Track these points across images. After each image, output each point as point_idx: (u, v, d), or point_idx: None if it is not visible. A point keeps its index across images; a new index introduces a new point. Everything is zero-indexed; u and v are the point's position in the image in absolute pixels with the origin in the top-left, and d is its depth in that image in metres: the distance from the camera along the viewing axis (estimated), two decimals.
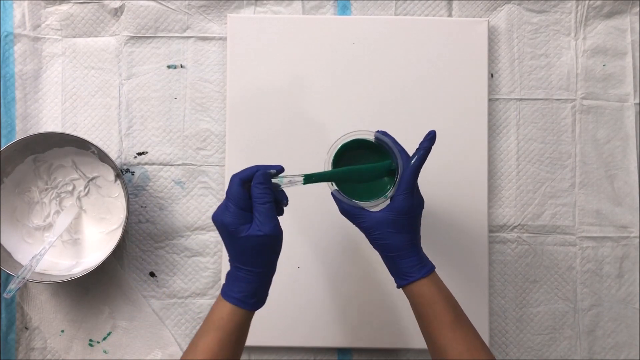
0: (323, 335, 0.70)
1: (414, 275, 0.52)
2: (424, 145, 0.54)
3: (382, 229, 0.53)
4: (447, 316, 0.51)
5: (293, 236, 0.70)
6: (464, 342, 0.50)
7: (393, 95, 0.71)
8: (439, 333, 0.51)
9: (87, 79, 0.73)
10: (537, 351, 0.71)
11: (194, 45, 0.73)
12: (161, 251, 0.72)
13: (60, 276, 0.67)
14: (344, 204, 0.54)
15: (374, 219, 0.53)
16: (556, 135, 0.73)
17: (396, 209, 0.52)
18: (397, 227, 0.52)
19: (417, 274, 0.52)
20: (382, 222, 0.53)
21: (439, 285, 0.53)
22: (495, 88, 0.73)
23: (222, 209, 0.51)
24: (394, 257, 0.53)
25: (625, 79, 0.74)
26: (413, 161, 0.53)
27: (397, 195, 0.53)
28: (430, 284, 0.52)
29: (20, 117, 0.73)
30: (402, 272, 0.53)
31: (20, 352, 0.71)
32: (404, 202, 0.52)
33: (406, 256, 0.53)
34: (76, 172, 0.71)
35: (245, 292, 0.51)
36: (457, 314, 0.52)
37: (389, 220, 0.52)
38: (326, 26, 0.72)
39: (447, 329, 0.51)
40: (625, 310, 0.72)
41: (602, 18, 0.74)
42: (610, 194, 0.73)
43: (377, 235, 0.53)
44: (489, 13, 0.74)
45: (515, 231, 0.72)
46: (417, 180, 0.54)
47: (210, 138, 0.73)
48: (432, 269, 0.53)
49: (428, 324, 0.52)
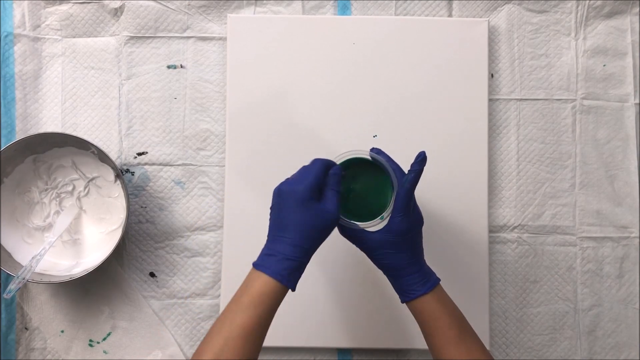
0: (323, 335, 0.70)
1: (417, 291, 0.52)
2: (414, 167, 0.53)
3: (382, 249, 0.53)
4: (451, 331, 0.51)
5: None
6: (467, 357, 0.51)
7: (393, 96, 0.71)
8: (443, 348, 0.51)
9: (87, 79, 0.73)
10: (537, 351, 0.71)
11: (194, 45, 0.73)
12: (161, 251, 0.72)
13: (60, 276, 0.67)
14: (344, 227, 0.55)
15: (373, 240, 0.53)
16: (556, 136, 0.73)
17: (393, 231, 0.53)
18: (396, 247, 0.53)
19: (419, 289, 0.52)
20: (381, 243, 0.53)
21: (442, 299, 0.53)
22: (495, 88, 0.73)
23: (298, 180, 0.52)
24: (396, 275, 0.53)
25: (626, 79, 0.74)
26: (405, 184, 0.53)
27: (393, 217, 0.53)
28: (433, 300, 0.53)
29: (20, 117, 0.72)
30: (404, 289, 0.53)
31: (20, 353, 0.71)
32: (401, 224, 0.53)
33: (408, 273, 0.53)
34: (76, 172, 0.71)
35: (289, 269, 0.50)
36: (461, 328, 0.52)
37: (388, 242, 0.53)
38: (326, 26, 0.72)
39: (451, 344, 0.51)
40: (625, 311, 0.72)
41: (603, 18, 0.74)
42: (611, 194, 0.73)
43: (377, 256, 0.54)
44: (489, 13, 0.74)
45: (516, 231, 0.72)
46: (412, 200, 0.54)
47: (210, 138, 0.73)
48: (435, 283, 0.53)
49: (432, 339, 0.52)
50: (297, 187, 0.51)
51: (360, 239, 0.54)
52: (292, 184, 0.52)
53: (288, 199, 0.52)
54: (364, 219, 0.56)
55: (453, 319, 0.52)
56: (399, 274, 0.53)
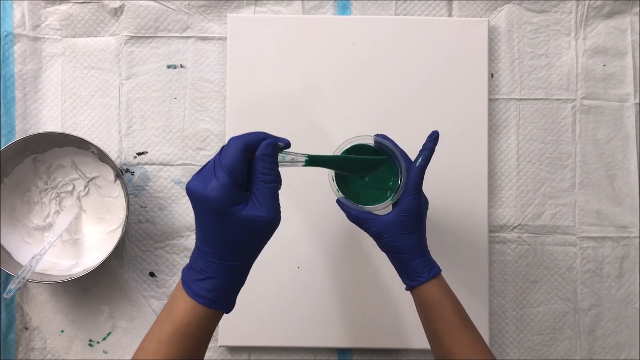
0: (323, 335, 0.70)
1: (424, 276, 0.52)
2: (427, 145, 0.54)
3: (392, 231, 0.53)
4: (454, 318, 0.51)
5: (293, 236, 0.70)
6: (470, 344, 0.51)
7: (393, 95, 0.71)
8: (445, 335, 0.51)
9: (87, 78, 0.73)
10: (537, 351, 0.71)
11: (194, 45, 0.73)
12: (161, 251, 0.72)
13: (60, 276, 0.67)
14: (352, 210, 0.55)
15: (384, 222, 0.53)
16: (556, 135, 0.73)
17: (406, 210, 0.53)
18: (407, 228, 0.53)
19: (426, 275, 0.52)
20: (391, 225, 0.53)
21: (445, 287, 0.53)
22: (495, 88, 0.73)
23: (209, 179, 0.40)
24: (404, 259, 0.53)
25: (626, 79, 0.74)
26: (419, 162, 0.53)
27: (405, 197, 0.53)
28: (438, 286, 0.53)
29: (20, 117, 0.72)
30: (412, 274, 0.53)
31: (20, 352, 0.71)
32: (413, 202, 0.53)
33: (416, 257, 0.53)
34: (76, 172, 0.71)
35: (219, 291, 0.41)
36: (463, 316, 0.52)
37: (399, 222, 0.53)
38: (326, 26, 0.72)
39: (454, 331, 0.51)
40: (625, 311, 0.72)
41: (603, 18, 0.74)
42: (611, 194, 0.73)
43: (387, 239, 0.53)
44: (489, 13, 0.74)
45: (516, 231, 0.72)
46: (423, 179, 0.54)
47: (210, 138, 0.73)
48: (439, 270, 0.54)
49: (434, 325, 0.52)
50: (210, 193, 0.40)
51: (368, 222, 0.54)
52: (201, 185, 0.40)
53: (202, 207, 0.41)
54: (368, 203, 0.55)
55: (456, 306, 0.52)
56: (407, 257, 0.53)
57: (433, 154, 0.54)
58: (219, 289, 0.41)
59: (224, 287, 0.42)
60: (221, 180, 0.40)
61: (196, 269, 0.42)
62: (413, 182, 0.53)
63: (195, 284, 0.42)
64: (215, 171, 0.41)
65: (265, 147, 0.42)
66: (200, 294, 0.41)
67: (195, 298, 0.41)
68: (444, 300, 0.52)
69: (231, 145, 0.42)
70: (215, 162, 0.42)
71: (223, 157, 0.41)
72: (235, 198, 0.40)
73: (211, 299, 0.41)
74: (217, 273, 0.41)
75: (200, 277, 0.41)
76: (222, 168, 0.40)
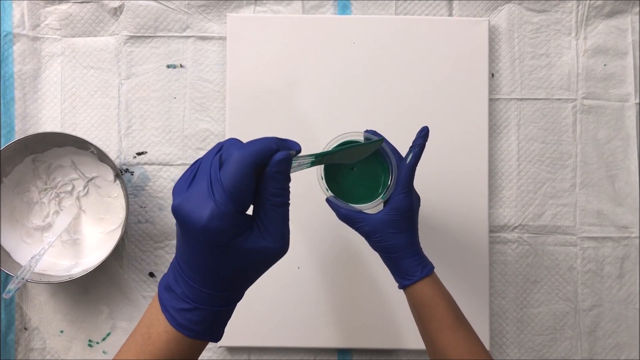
0: (323, 335, 0.70)
1: (416, 275, 0.52)
2: (417, 142, 0.53)
3: (384, 230, 0.52)
4: (448, 317, 0.51)
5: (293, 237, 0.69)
6: (464, 343, 0.50)
7: (393, 95, 0.71)
8: (439, 334, 0.51)
9: (86, 78, 0.73)
10: (537, 352, 0.71)
11: (194, 44, 0.73)
12: (160, 251, 0.72)
13: (59, 276, 0.67)
14: (342, 209, 0.54)
15: (374, 221, 0.52)
16: (557, 135, 0.73)
17: (397, 208, 0.52)
18: (398, 227, 0.52)
19: (419, 273, 0.52)
20: (383, 223, 0.52)
21: (439, 285, 0.53)
22: (495, 88, 0.73)
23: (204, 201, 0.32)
24: (396, 258, 0.52)
25: (626, 78, 0.73)
26: (409, 159, 0.52)
27: (396, 195, 0.52)
28: (431, 284, 0.52)
29: (20, 117, 0.72)
30: (404, 273, 0.52)
31: (19, 353, 0.71)
32: (404, 201, 0.52)
33: (408, 256, 0.52)
34: (75, 172, 0.71)
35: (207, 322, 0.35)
36: (457, 315, 0.52)
37: (390, 221, 0.52)
38: (326, 26, 0.72)
39: (448, 329, 0.50)
40: (626, 311, 0.72)
41: (603, 18, 0.74)
42: (611, 194, 0.72)
43: (378, 238, 0.52)
44: (490, 13, 0.74)
45: (516, 231, 0.72)
46: (413, 177, 0.53)
47: (210, 138, 0.73)
48: (432, 269, 0.53)
49: (428, 324, 0.52)
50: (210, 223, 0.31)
51: (359, 221, 0.53)
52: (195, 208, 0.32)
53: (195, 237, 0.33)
54: (358, 202, 0.54)
55: (450, 305, 0.52)
56: (399, 256, 0.52)
57: (424, 151, 0.53)
58: (208, 321, 0.35)
59: (214, 319, 0.36)
60: (223, 208, 0.32)
61: (178, 294, 0.35)
62: (404, 180, 0.52)
63: (179, 314, 0.35)
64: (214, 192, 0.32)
65: (279, 163, 0.34)
66: (186, 326, 0.35)
67: (181, 330, 0.35)
68: (438, 299, 0.51)
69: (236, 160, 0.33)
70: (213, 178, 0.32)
71: (225, 175, 0.32)
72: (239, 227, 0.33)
73: (200, 332, 0.35)
74: (207, 304, 0.35)
75: (186, 306, 0.34)
76: (225, 190, 0.32)
